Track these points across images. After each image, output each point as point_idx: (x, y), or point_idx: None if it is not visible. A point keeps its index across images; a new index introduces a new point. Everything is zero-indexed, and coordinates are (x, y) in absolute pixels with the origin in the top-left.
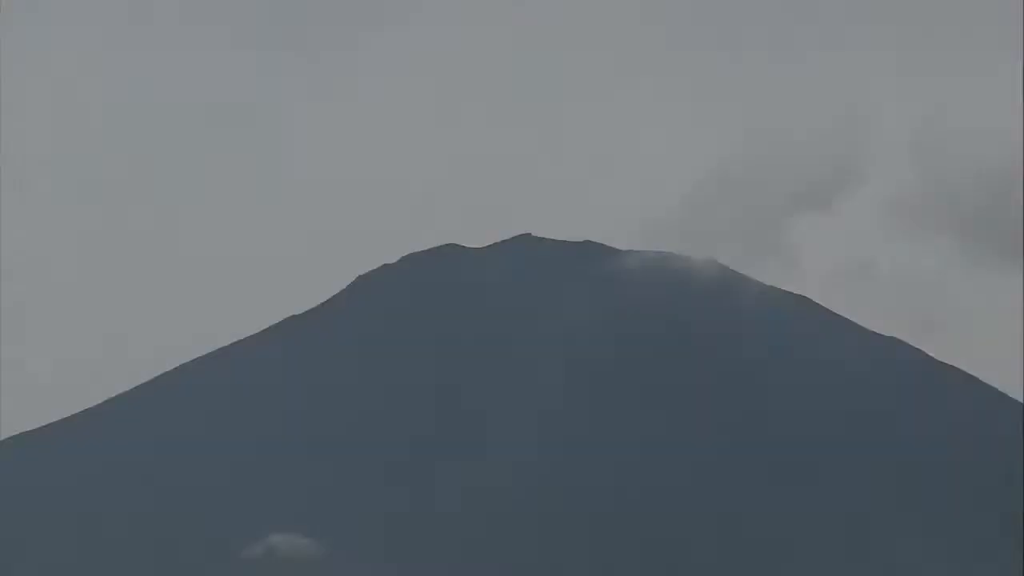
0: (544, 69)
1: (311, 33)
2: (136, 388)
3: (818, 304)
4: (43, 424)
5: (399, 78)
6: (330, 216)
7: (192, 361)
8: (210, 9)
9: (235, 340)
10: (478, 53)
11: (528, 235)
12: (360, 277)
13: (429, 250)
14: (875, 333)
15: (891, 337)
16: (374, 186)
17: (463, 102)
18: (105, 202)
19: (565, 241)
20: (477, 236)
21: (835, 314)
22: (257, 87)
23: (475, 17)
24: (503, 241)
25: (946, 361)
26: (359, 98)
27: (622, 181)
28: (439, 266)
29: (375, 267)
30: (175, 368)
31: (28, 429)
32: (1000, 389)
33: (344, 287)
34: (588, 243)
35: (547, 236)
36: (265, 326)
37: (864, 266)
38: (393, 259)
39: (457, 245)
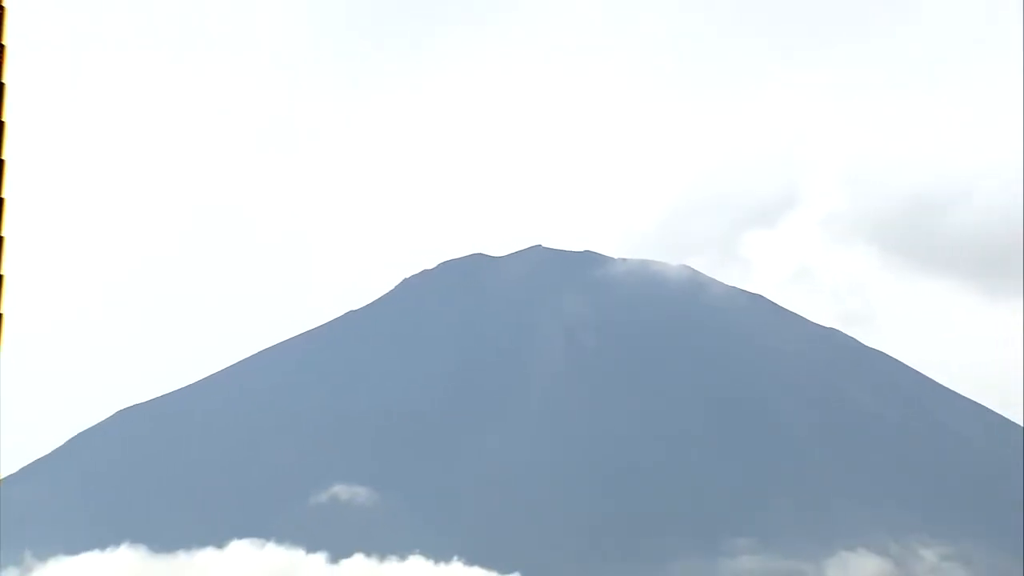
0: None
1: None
2: (237, 363)
3: (770, 301)
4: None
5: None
6: (380, 229)
7: (274, 346)
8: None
9: (307, 329)
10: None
11: (539, 246)
12: (405, 279)
13: (460, 258)
14: (815, 324)
15: (829, 327)
16: (417, 204)
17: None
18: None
19: (568, 251)
20: (498, 246)
21: (784, 309)
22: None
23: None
24: (519, 251)
25: (871, 346)
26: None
27: (612, 203)
28: (468, 271)
29: (417, 272)
30: (262, 350)
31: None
32: (911, 366)
33: (392, 287)
34: (587, 252)
35: (553, 247)
36: (330, 319)
37: (804, 271)
38: (432, 265)
39: (483, 254)
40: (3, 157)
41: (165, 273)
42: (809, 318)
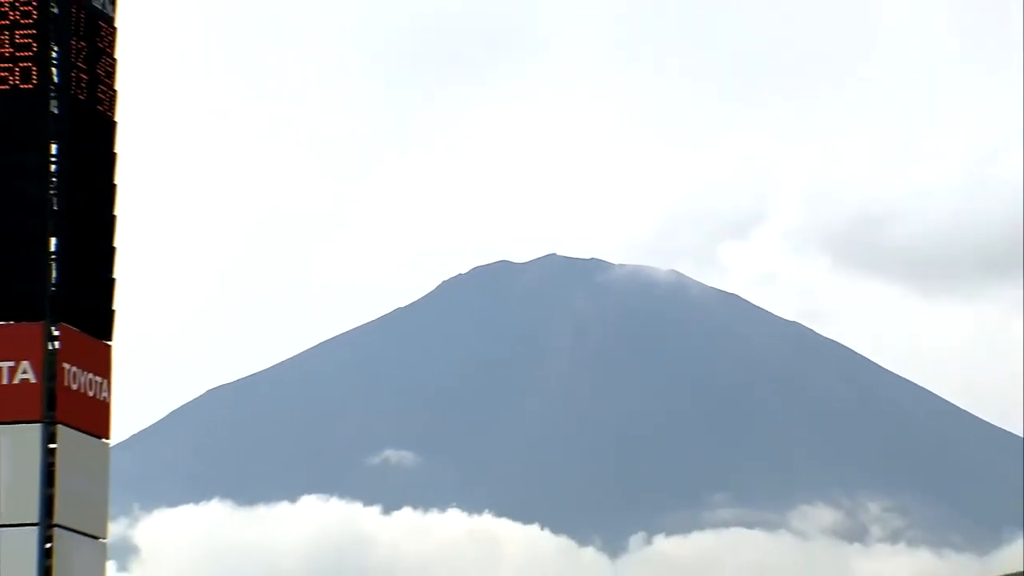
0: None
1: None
2: (306, 351)
3: (743, 299)
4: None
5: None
6: (422, 240)
7: (337, 336)
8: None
9: (363, 323)
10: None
11: (554, 254)
12: (443, 282)
13: (489, 264)
14: (780, 318)
15: (791, 321)
16: (453, 218)
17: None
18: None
19: (577, 258)
20: (520, 254)
21: (754, 305)
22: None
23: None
24: (536, 258)
25: (826, 336)
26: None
27: (614, 219)
28: (495, 274)
29: (452, 275)
30: (327, 340)
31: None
32: (859, 352)
33: (432, 288)
34: (593, 259)
35: (565, 255)
36: (382, 314)
37: (770, 275)
38: (465, 270)
39: (507, 261)
40: (115, 182)
41: (244, 274)
42: (775, 313)
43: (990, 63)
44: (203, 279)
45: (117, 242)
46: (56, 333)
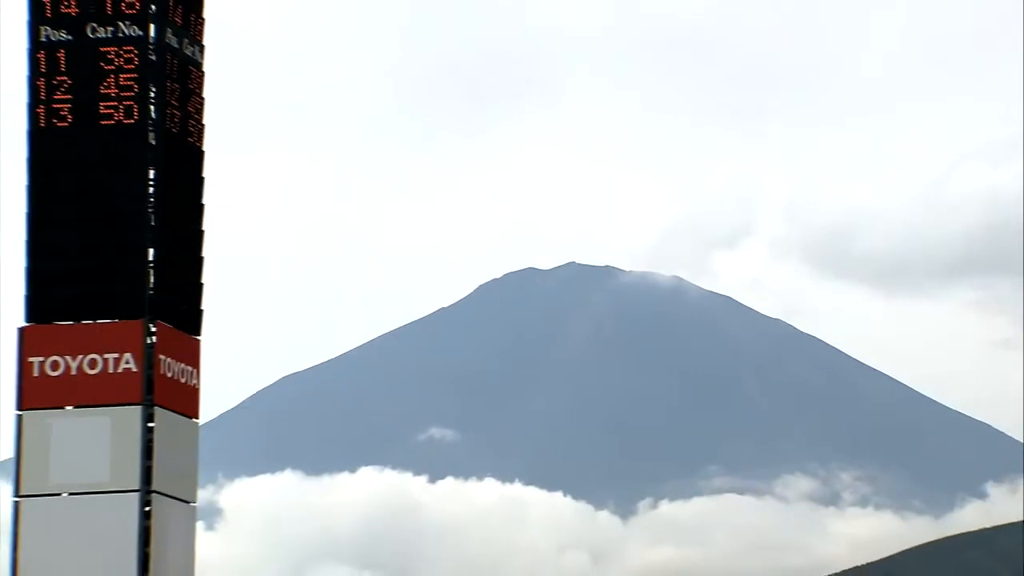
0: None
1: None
2: (363, 344)
3: (734, 300)
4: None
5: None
6: (462, 248)
7: (389, 332)
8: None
9: (412, 320)
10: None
11: (573, 262)
12: (480, 286)
13: (518, 270)
14: (765, 316)
15: (775, 318)
16: (487, 230)
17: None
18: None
19: (593, 265)
20: (544, 261)
21: (743, 305)
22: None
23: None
24: (559, 266)
25: (805, 331)
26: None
27: (624, 231)
28: (524, 279)
29: (487, 280)
30: (381, 335)
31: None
32: (833, 345)
33: (471, 291)
34: (607, 266)
35: (583, 263)
36: (428, 313)
37: (757, 279)
38: (499, 275)
39: (534, 268)
40: (202, 201)
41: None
42: (761, 312)
43: (945, 94)
44: (279, 283)
45: (204, 252)
46: (153, 329)
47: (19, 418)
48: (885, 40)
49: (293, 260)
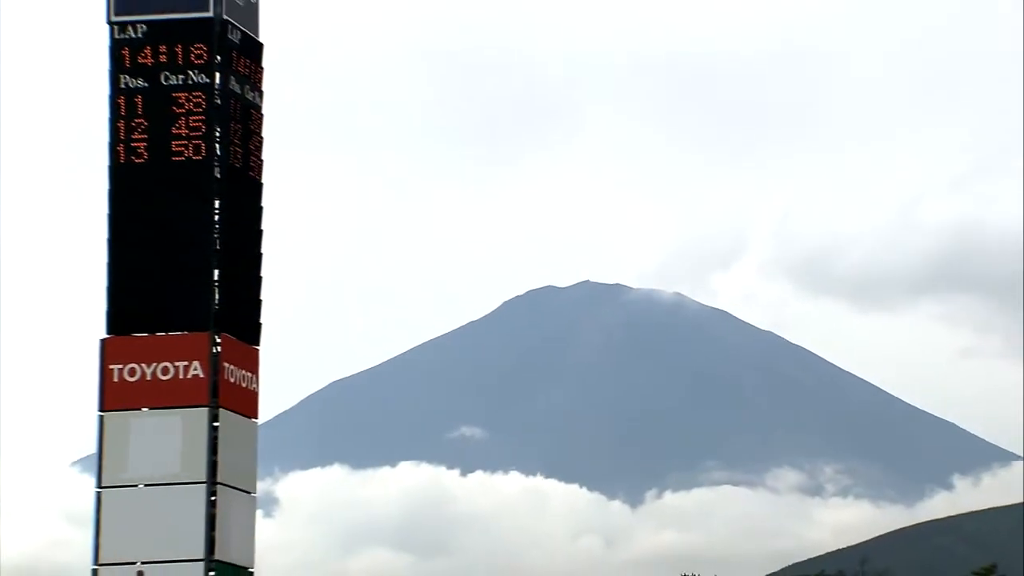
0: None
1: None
2: (403, 353)
3: (729, 313)
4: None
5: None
6: (489, 267)
7: (425, 342)
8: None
9: (445, 332)
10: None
11: (587, 281)
12: (505, 302)
13: (538, 288)
14: (758, 328)
15: (766, 330)
16: (511, 251)
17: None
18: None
19: (604, 283)
20: (562, 280)
21: (737, 318)
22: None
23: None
24: (574, 284)
25: (792, 341)
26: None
27: (632, 252)
28: (544, 296)
29: (511, 296)
30: (417, 345)
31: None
32: (816, 353)
33: (497, 306)
34: (616, 284)
35: (596, 281)
36: (459, 326)
37: (750, 295)
38: (521, 292)
39: (552, 285)
40: (261, 228)
41: (358, 295)
42: (753, 324)
43: (914, 131)
44: (329, 299)
45: (262, 272)
46: (218, 340)
47: (101, 418)
48: (864, 82)
49: (342, 279)
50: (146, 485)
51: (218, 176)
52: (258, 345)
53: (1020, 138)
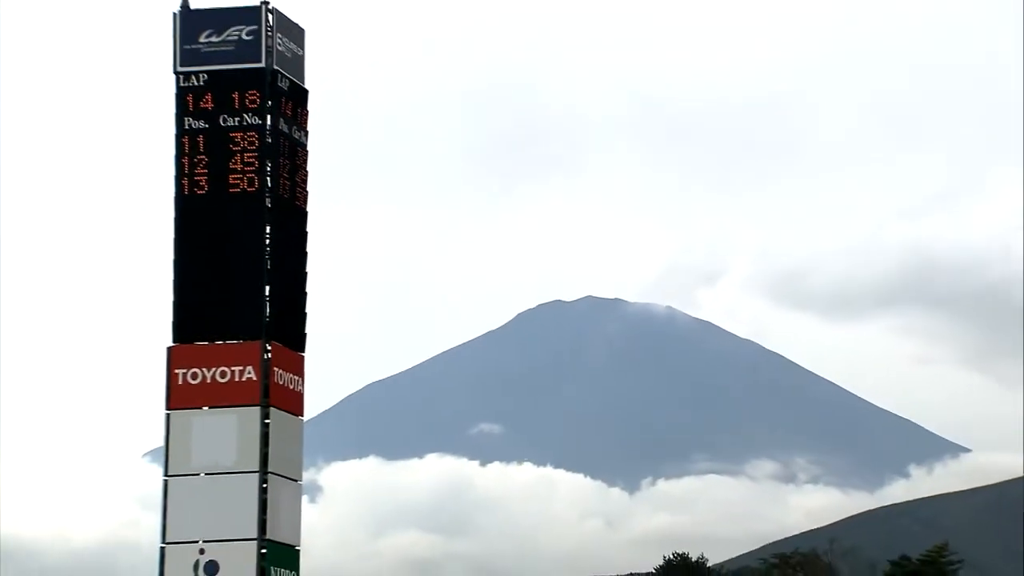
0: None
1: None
2: (432, 357)
3: (715, 325)
4: (395, 373)
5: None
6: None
7: (448, 349)
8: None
9: (465, 340)
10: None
11: (590, 296)
12: (518, 314)
13: (548, 302)
14: (740, 337)
15: (746, 339)
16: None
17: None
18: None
19: (605, 298)
20: (568, 295)
21: (722, 328)
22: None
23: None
24: (579, 298)
25: (770, 348)
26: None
27: (630, 271)
28: (553, 309)
29: (525, 309)
30: (444, 351)
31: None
32: (791, 359)
33: (512, 317)
34: (616, 299)
35: (598, 296)
36: (478, 335)
37: (732, 309)
38: (533, 305)
39: (560, 300)
40: (306, 250)
41: (394, 306)
42: (735, 334)
43: (880, 161)
44: (366, 311)
45: (307, 288)
46: (269, 348)
47: (168, 416)
48: (834, 119)
49: (376, 294)
50: (206, 474)
51: (269, 205)
52: (303, 352)
53: (973, 173)
